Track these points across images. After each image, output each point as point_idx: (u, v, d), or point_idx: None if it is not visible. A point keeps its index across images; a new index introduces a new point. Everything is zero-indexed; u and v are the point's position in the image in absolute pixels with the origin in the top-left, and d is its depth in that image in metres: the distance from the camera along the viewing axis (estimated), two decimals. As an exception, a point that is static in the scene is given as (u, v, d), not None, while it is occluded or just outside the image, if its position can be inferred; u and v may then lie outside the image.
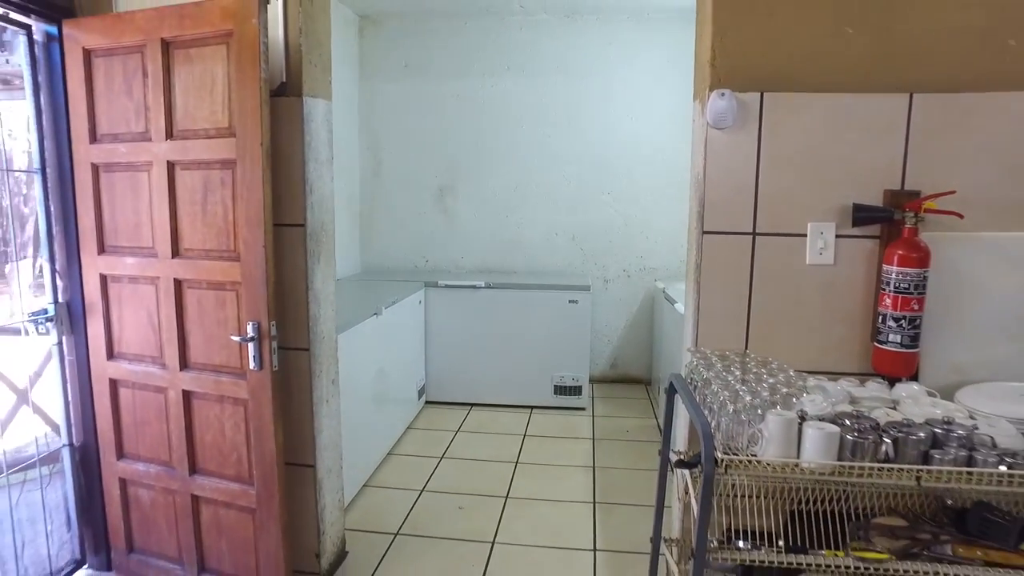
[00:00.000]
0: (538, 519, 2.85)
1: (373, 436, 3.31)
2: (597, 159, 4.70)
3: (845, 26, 1.79)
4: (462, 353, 4.33)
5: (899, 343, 1.76)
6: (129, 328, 2.17)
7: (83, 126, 2.08)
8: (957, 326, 1.79)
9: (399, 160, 4.88)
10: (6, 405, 2.37)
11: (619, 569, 2.45)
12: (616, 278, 4.85)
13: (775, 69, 1.82)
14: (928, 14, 1.75)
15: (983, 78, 1.75)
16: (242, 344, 1.97)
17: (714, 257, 1.91)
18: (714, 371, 1.64)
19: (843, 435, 1.37)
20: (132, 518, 2.30)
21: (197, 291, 2.03)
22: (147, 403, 2.18)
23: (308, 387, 2.17)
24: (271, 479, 2.03)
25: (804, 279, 1.88)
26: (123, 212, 2.10)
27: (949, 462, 1.34)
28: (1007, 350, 1.77)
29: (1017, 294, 1.77)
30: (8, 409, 2.84)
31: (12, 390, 2.90)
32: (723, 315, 1.92)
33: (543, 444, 3.74)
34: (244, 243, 1.91)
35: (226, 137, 1.90)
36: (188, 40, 1.91)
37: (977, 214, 1.77)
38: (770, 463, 1.38)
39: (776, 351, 1.84)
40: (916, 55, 1.77)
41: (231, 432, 2.06)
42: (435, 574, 2.43)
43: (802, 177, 1.84)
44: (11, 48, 2.12)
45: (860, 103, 1.80)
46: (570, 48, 4.63)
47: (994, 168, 1.77)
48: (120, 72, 2.01)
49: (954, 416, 1.48)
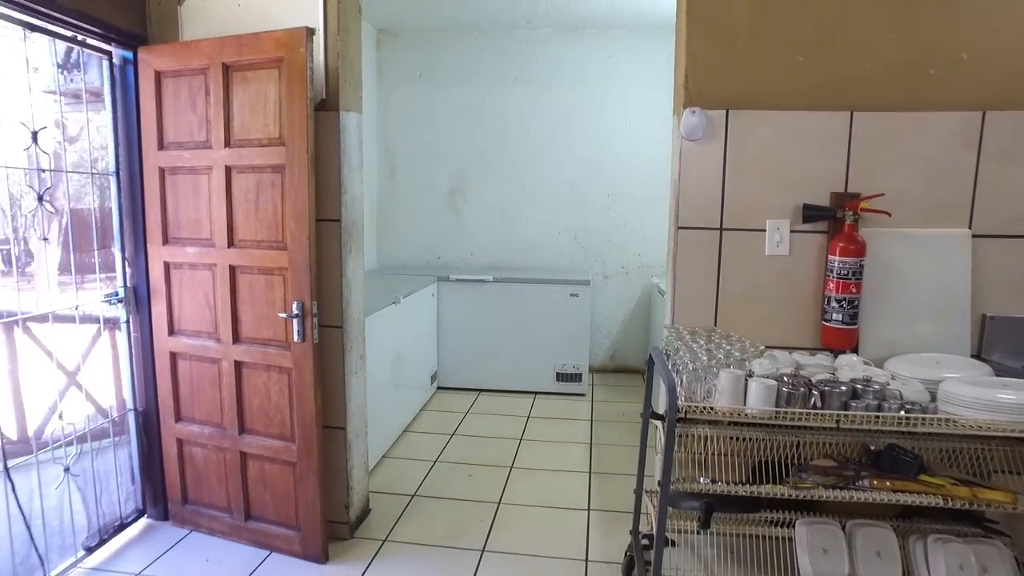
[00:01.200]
0: (539, 485, 3.20)
1: (391, 414, 3.67)
2: (597, 163, 5.05)
3: (797, 55, 2.13)
4: (471, 342, 4.69)
5: (841, 321, 2.11)
6: (188, 308, 2.53)
7: (152, 136, 2.44)
8: (888, 307, 2.13)
9: (413, 164, 5.24)
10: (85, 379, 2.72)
11: (609, 524, 2.80)
12: (615, 275, 5.19)
13: (738, 90, 2.17)
14: (865, 47, 2.09)
15: (909, 100, 2.09)
16: (287, 320, 2.33)
17: (687, 248, 2.25)
18: (683, 342, 1.99)
19: (780, 388, 1.72)
20: (187, 473, 2.66)
21: (249, 276, 2.39)
22: (202, 372, 2.55)
23: (341, 360, 2.53)
24: (311, 437, 2.38)
25: (764, 268, 2.22)
26: (185, 209, 2.46)
27: (862, 408, 1.68)
28: (928, 328, 2.11)
29: (936, 281, 2.11)
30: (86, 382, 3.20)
31: (74, 370, 3.27)
32: (696, 298, 2.27)
33: (545, 424, 4.09)
34: (291, 235, 2.27)
35: (276, 146, 2.26)
36: (245, 64, 2.27)
37: (904, 213, 2.11)
38: (721, 409, 1.73)
39: (740, 328, 2.18)
40: (856, 80, 2.11)
41: (276, 396, 2.42)
42: (447, 528, 2.78)
43: (761, 181, 2.19)
44: (85, 68, 2.48)
45: (810, 119, 2.15)
46: (572, 60, 4.98)
47: (918, 175, 2.11)
48: (186, 90, 2.38)
49: (874, 376, 1.82)
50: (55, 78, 2.41)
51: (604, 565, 2.49)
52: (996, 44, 2.04)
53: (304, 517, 2.46)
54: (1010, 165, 2.08)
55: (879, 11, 2.08)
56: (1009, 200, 2.09)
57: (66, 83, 2.57)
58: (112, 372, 2.69)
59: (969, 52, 2.05)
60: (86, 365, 2.78)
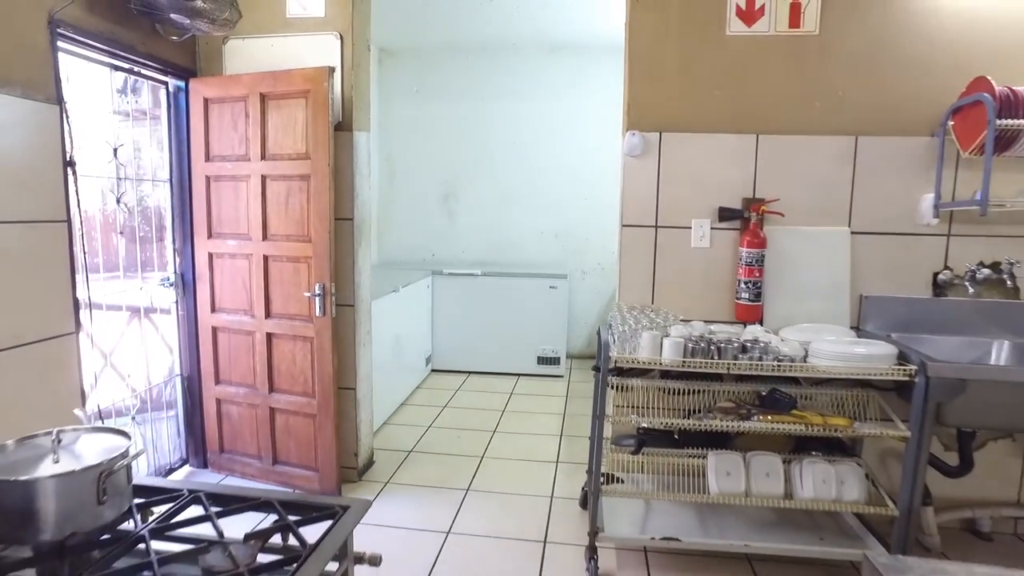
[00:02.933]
0: (517, 444, 3.77)
1: (391, 389, 4.24)
2: (575, 170, 5.64)
3: (714, 90, 2.72)
4: (462, 329, 5.26)
5: (748, 299, 2.69)
6: (227, 290, 3.10)
7: (201, 150, 3.01)
8: (785, 288, 2.72)
9: (410, 170, 5.82)
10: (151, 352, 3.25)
11: (573, 472, 3.37)
12: (592, 271, 5.77)
13: (669, 117, 2.75)
14: (766, 85, 2.68)
15: (801, 126, 2.68)
16: (311, 298, 2.89)
17: (631, 242, 2.83)
18: (623, 315, 2.57)
19: (686, 344, 2.30)
20: (224, 427, 3.22)
21: (279, 263, 2.96)
22: (239, 343, 3.11)
23: (352, 333, 3.10)
24: (328, 393, 2.95)
25: (690, 257, 2.80)
26: (226, 209, 3.03)
27: (747, 358, 2.26)
28: (817, 304, 2.69)
29: (823, 268, 2.69)
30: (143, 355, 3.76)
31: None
32: (637, 281, 2.84)
33: (526, 400, 4.66)
34: (315, 230, 2.84)
35: (303, 159, 2.83)
36: (279, 94, 2.84)
37: (798, 215, 2.70)
38: (641, 359, 2.31)
39: (672, 306, 2.76)
40: (760, 109, 2.70)
41: (300, 361, 2.99)
42: (439, 474, 3.34)
43: (687, 188, 2.77)
44: (138, 92, 3.04)
45: (725, 140, 2.73)
46: (552, 77, 5.57)
47: (808, 184, 2.70)
48: (229, 113, 2.95)
49: (762, 338, 2.39)
50: (122, 104, 2.97)
51: (566, 500, 3.06)
52: (864, 85, 2.63)
53: (322, 460, 3.03)
54: (877, 178, 2.66)
55: (776, 58, 2.66)
56: (878, 205, 2.68)
57: (126, 106, 3.13)
58: (164, 345, 3.25)
59: (844, 91, 2.64)
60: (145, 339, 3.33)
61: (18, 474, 1.32)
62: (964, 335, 2.64)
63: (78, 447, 1.44)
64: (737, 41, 2.68)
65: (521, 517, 2.89)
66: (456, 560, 2.54)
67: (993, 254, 2.64)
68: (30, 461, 1.37)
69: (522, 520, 2.87)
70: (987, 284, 2.64)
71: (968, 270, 2.63)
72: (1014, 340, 2.57)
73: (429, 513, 2.91)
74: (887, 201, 2.68)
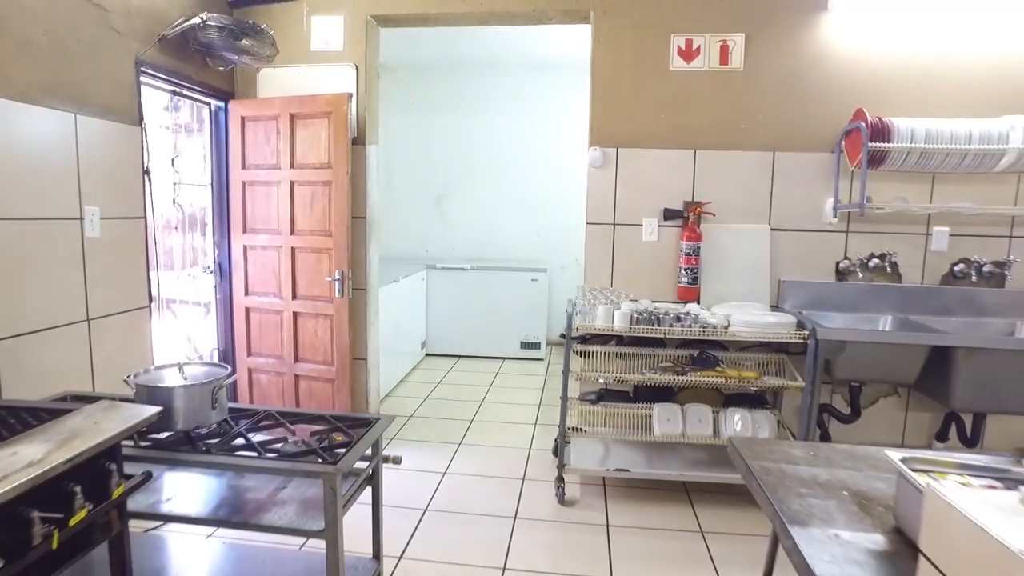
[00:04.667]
0: (502, 412, 4.40)
1: (392, 367, 4.85)
2: (554, 175, 6.28)
3: (660, 114, 3.37)
4: (453, 317, 5.89)
5: (687, 282, 3.34)
6: (259, 276, 3.70)
7: (238, 159, 3.61)
8: (717, 274, 3.37)
9: (406, 175, 6.44)
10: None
11: (548, 431, 4.00)
12: (569, 265, 6.41)
13: (624, 135, 3.40)
14: (701, 110, 3.33)
15: (729, 143, 3.33)
16: (331, 282, 3.51)
17: (594, 237, 3.47)
18: (584, 294, 3.21)
19: (632, 314, 2.94)
20: (254, 393, 3.82)
21: (304, 253, 3.57)
22: (268, 321, 3.71)
23: (364, 312, 3.72)
24: (344, 361, 3.56)
25: (641, 249, 3.44)
26: (260, 208, 3.63)
27: (680, 326, 2.91)
28: (744, 287, 3.35)
29: (748, 258, 3.35)
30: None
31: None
32: (599, 270, 3.49)
33: (510, 378, 5.29)
34: (335, 226, 3.46)
35: (326, 168, 3.44)
36: (305, 115, 3.45)
37: (728, 215, 3.35)
38: (597, 326, 2.95)
39: (627, 289, 3.40)
40: (696, 130, 3.35)
41: (321, 335, 3.60)
42: (436, 433, 3.96)
43: (639, 193, 3.41)
44: (179, 109, 3.63)
45: (669, 154, 3.38)
46: (535, 92, 6.21)
47: (736, 190, 3.35)
48: (262, 130, 3.55)
49: (693, 311, 3.04)
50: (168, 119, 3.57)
51: (542, 451, 3.70)
52: (779, 111, 3.29)
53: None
54: (791, 185, 3.33)
55: (709, 89, 3.32)
56: (791, 207, 3.34)
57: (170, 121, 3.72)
58: (204, 323, 3.85)
59: (763, 115, 3.30)
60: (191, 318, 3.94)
61: (162, 383, 1.96)
62: (860, 312, 3.31)
63: (195, 372, 2.06)
64: (678, 75, 3.33)
65: (504, 462, 3.53)
66: (452, 491, 3.17)
67: (880, 247, 3.30)
68: (166, 378, 2.00)
69: (505, 464, 3.50)
70: (876, 271, 3.31)
71: (861, 260, 3.30)
72: (895, 315, 3.24)
73: (429, 460, 3.53)
74: (798, 204, 3.34)
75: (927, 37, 3.15)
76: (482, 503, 3.05)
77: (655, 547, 2.70)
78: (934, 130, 2.95)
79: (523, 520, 2.89)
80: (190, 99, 3.44)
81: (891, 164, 3.03)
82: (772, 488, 1.33)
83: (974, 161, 2.95)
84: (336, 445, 1.96)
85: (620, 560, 2.58)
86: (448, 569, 2.50)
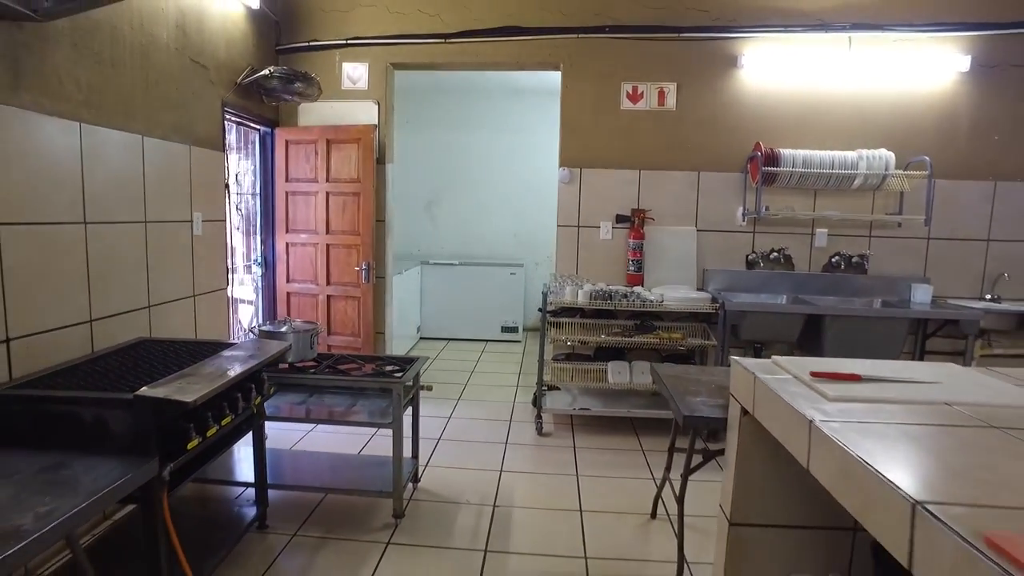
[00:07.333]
0: (487, 379, 5.40)
1: (394, 348, 5.80)
2: (531, 185, 7.30)
3: (614, 141, 4.42)
4: (443, 306, 6.87)
5: (634, 271, 4.39)
6: (298, 267, 4.64)
7: (282, 174, 4.55)
8: (657, 264, 4.43)
9: (401, 184, 7.38)
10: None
11: (527, 392, 5.01)
12: (543, 262, 7.44)
13: (586, 158, 4.44)
14: (645, 139, 4.39)
15: (666, 165, 4.40)
16: (359, 271, 4.47)
17: (563, 236, 4.51)
18: (555, 279, 4.23)
19: (592, 293, 3.97)
20: (292, 361, 4.75)
21: (336, 249, 4.52)
22: (306, 303, 4.66)
23: (383, 296, 4.68)
24: (369, 334, 4.53)
25: (599, 246, 4.48)
26: (300, 214, 4.57)
27: (627, 301, 3.95)
28: (677, 274, 4.41)
29: (680, 252, 4.41)
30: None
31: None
32: (567, 261, 4.52)
33: (492, 357, 6.30)
34: (362, 227, 4.42)
35: (355, 182, 4.41)
36: (339, 140, 4.41)
37: (665, 219, 4.41)
38: (565, 301, 3.98)
39: (589, 276, 4.43)
40: (643, 154, 4.41)
41: (351, 314, 4.56)
42: (438, 393, 4.93)
43: (597, 202, 4.46)
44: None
45: (620, 173, 4.43)
46: (516, 113, 7.24)
47: (671, 200, 4.42)
48: (303, 151, 4.50)
49: (638, 291, 4.08)
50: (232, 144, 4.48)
51: (523, 403, 4.72)
52: (703, 140, 4.36)
53: (362, 380, 4.59)
54: (711, 198, 4.40)
55: (650, 125, 4.38)
56: (712, 213, 4.41)
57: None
58: (252, 306, 4.77)
59: (691, 144, 4.37)
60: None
61: (282, 335, 2.94)
62: (764, 293, 4.39)
63: (296, 325, 3.03)
64: (627, 113, 4.39)
65: (495, 410, 4.54)
66: (457, 429, 4.16)
67: (778, 244, 4.40)
68: (281, 330, 2.97)
69: (495, 411, 4.51)
70: (775, 262, 4.41)
71: (764, 253, 4.39)
72: (789, 295, 4.34)
73: (436, 410, 4.51)
74: (717, 210, 4.42)
75: (806, 89, 4.26)
76: (481, 435, 4.05)
77: (609, 459, 3.74)
78: (809, 157, 4.06)
79: (512, 445, 3.91)
80: (247, 127, 4.38)
81: (780, 182, 4.13)
82: (672, 384, 2.37)
83: (836, 181, 4.07)
84: (390, 372, 2.95)
85: (584, 467, 3.60)
86: (461, 471, 3.49)
